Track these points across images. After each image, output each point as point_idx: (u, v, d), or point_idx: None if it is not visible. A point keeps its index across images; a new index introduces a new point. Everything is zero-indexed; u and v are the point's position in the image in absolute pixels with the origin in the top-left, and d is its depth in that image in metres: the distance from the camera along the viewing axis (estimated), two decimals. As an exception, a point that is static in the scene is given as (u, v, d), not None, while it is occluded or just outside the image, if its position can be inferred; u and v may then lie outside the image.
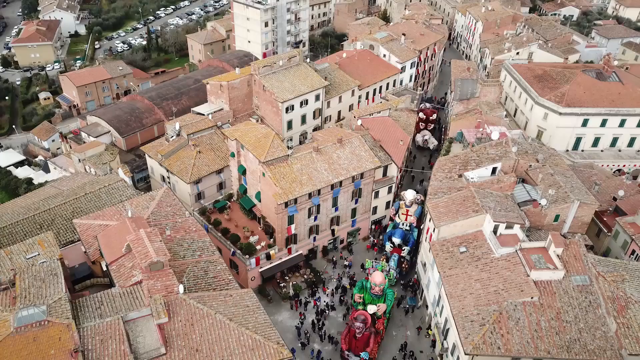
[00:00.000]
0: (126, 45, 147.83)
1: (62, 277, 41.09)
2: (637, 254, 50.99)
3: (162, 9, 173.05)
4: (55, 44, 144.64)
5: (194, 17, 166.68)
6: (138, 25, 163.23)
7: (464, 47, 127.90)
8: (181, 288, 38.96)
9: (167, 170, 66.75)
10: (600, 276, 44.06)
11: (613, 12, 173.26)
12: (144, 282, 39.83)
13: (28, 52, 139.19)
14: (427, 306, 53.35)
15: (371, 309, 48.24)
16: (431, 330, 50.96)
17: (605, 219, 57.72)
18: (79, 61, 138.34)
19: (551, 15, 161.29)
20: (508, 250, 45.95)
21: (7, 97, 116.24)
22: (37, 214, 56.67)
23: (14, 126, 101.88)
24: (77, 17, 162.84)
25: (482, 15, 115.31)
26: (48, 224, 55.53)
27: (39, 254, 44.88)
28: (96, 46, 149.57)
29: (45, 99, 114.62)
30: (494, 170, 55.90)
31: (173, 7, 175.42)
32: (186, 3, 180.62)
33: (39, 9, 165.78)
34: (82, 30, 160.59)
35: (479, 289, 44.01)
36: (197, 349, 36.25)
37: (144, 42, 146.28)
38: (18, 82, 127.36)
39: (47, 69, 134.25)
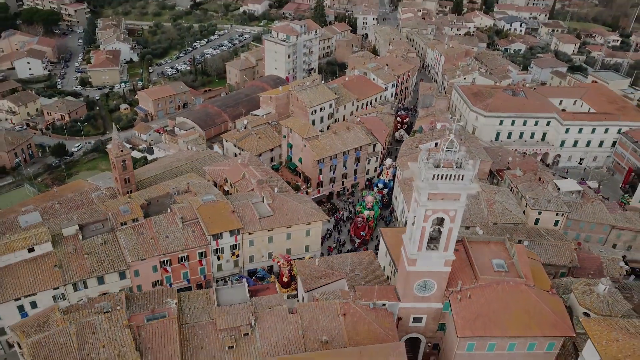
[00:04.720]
0: (174, 70, 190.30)
1: (213, 186, 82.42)
2: (512, 187, 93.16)
3: (197, 41, 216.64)
4: (119, 69, 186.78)
5: (224, 48, 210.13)
6: (180, 54, 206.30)
7: (433, 74, 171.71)
8: (276, 190, 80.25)
9: (240, 149, 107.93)
10: (484, 192, 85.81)
11: (554, 47, 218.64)
12: (256, 189, 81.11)
13: (100, 74, 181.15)
14: (397, 218, 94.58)
15: (366, 213, 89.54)
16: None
17: (501, 174, 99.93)
18: (140, 82, 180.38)
19: (504, 49, 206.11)
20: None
21: (97, 108, 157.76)
22: (171, 169, 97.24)
23: (117, 126, 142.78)
24: (131, 47, 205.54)
25: (445, 51, 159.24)
26: (179, 174, 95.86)
27: (192, 180, 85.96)
28: (150, 70, 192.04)
29: (125, 109, 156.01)
30: (436, 144, 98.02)
31: (206, 40, 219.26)
32: (215, 37, 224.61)
33: (100, 40, 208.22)
34: (135, 58, 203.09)
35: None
36: (286, 214, 77.20)
37: (188, 68, 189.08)
38: (97, 97, 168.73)
39: (116, 87, 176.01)
